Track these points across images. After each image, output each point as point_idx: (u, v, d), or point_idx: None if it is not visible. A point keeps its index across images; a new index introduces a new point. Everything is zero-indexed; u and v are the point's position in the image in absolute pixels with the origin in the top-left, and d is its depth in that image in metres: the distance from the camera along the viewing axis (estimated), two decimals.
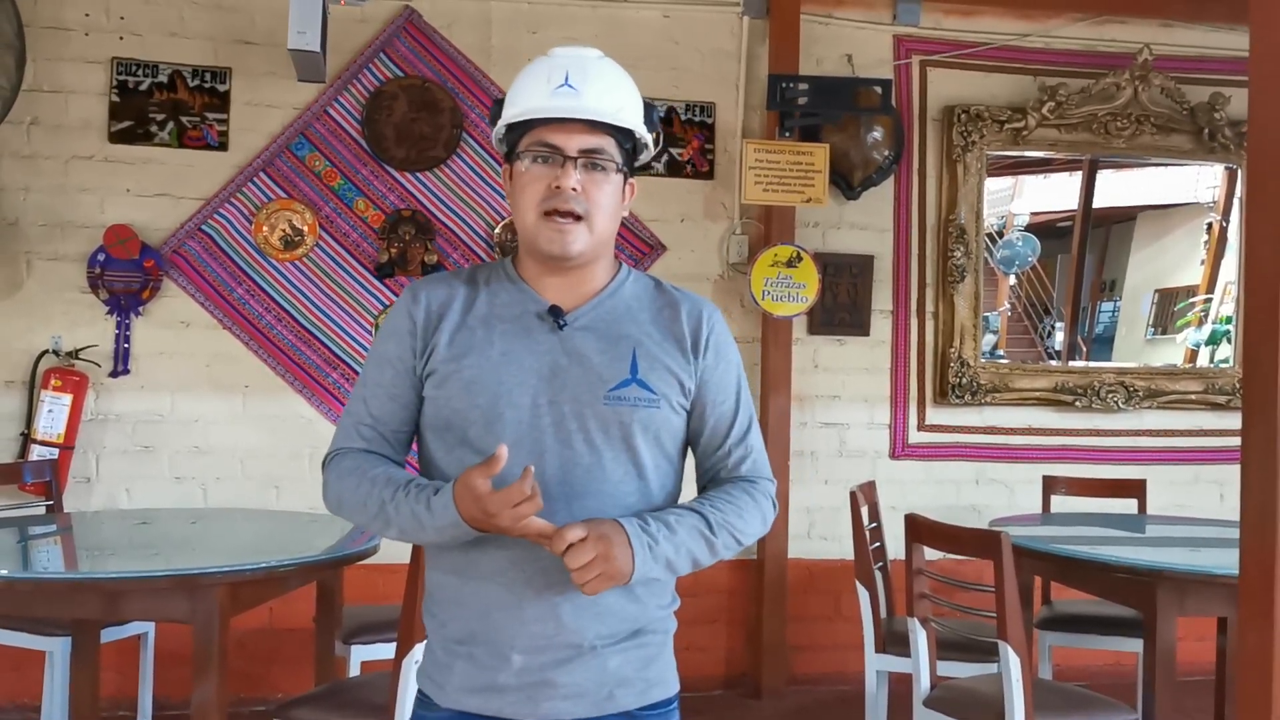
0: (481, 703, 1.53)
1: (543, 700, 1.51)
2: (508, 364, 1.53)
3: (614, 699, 1.54)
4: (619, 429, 1.52)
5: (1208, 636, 3.79)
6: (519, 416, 1.51)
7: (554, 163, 1.53)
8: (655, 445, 1.56)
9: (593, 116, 1.54)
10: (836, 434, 4.78)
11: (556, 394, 1.52)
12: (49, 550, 3.18)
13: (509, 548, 1.49)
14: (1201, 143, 4.98)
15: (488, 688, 1.53)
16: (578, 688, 1.52)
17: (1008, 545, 2.71)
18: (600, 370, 1.54)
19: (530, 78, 1.57)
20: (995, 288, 5.60)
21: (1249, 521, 1.94)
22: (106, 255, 4.18)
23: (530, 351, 1.54)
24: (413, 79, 4.44)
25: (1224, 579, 2.79)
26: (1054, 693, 3.01)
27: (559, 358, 1.54)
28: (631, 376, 1.54)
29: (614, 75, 1.60)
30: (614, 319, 1.59)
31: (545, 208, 1.53)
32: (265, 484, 4.31)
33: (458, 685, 1.55)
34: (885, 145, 4.69)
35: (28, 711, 3.93)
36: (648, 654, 1.57)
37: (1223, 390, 5.03)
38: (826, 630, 4.68)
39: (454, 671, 1.55)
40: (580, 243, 1.55)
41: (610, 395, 1.52)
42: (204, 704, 2.58)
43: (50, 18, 4.23)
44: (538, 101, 1.54)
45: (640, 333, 1.58)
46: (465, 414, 1.53)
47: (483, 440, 1.51)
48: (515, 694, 1.52)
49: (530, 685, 1.51)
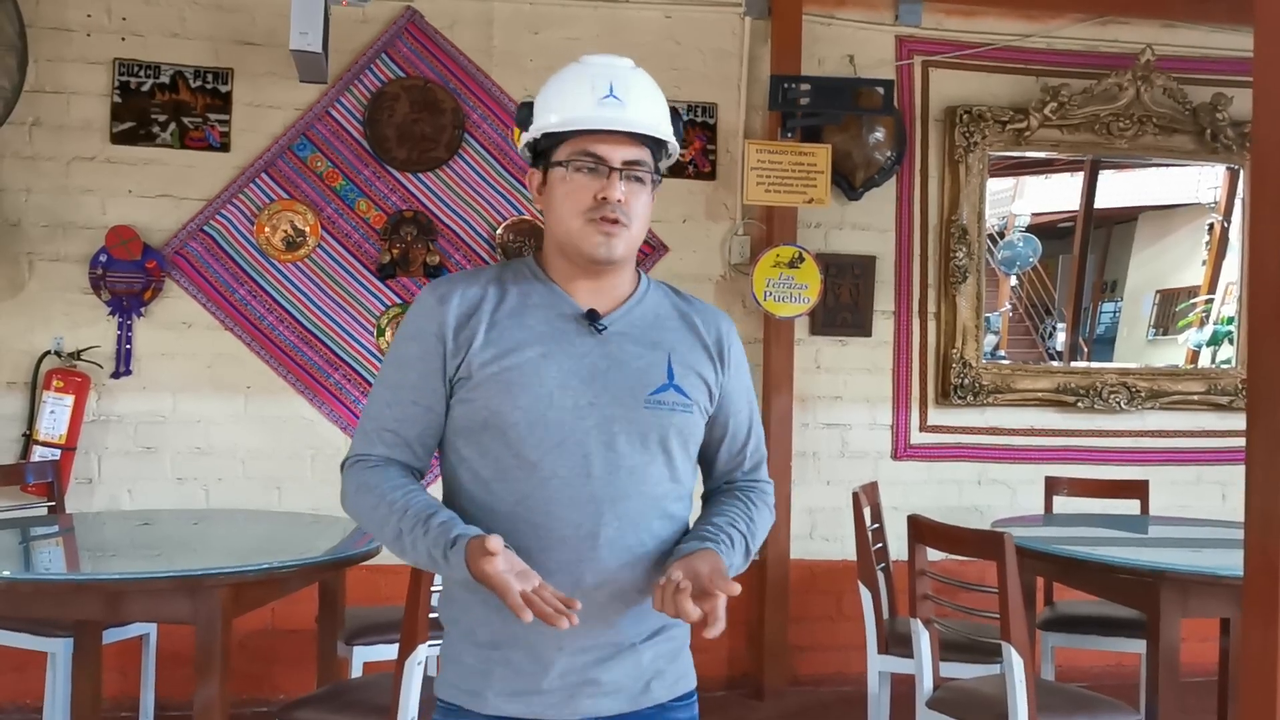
0: (522, 707, 1.54)
1: (584, 699, 1.55)
2: (548, 365, 1.54)
3: (649, 692, 1.60)
4: (657, 432, 1.56)
5: (1211, 637, 3.79)
6: (562, 418, 1.52)
7: (599, 173, 1.55)
8: (685, 448, 1.61)
9: (639, 130, 1.56)
10: (838, 435, 4.77)
11: (597, 396, 1.54)
12: (51, 551, 3.18)
13: (561, 549, 1.52)
14: (1204, 143, 4.98)
15: (530, 691, 1.54)
16: (617, 684, 1.56)
17: (1010, 546, 2.71)
18: (640, 375, 1.57)
19: (571, 86, 1.58)
20: (997, 288, 5.59)
21: (1252, 522, 1.94)
22: (108, 256, 4.18)
23: (569, 354, 1.55)
24: (414, 80, 4.44)
25: (1227, 580, 2.79)
26: (1057, 694, 3.01)
27: (598, 360, 1.56)
28: (669, 381, 1.58)
29: (651, 87, 1.62)
30: (646, 325, 1.62)
31: (591, 215, 1.55)
32: (267, 485, 4.31)
33: (499, 691, 1.55)
34: (887, 146, 4.69)
35: (30, 712, 3.93)
36: (674, 647, 1.65)
37: (1225, 391, 5.02)
38: (829, 631, 4.67)
39: (493, 678, 1.55)
40: (622, 247, 1.58)
41: (650, 400, 1.56)
42: (206, 705, 2.58)
43: (52, 18, 4.23)
44: (584, 111, 1.55)
45: (673, 339, 1.62)
46: (506, 415, 1.52)
47: (525, 442, 1.52)
48: (557, 694, 1.54)
49: (573, 685, 1.54)
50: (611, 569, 1.52)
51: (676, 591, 1.44)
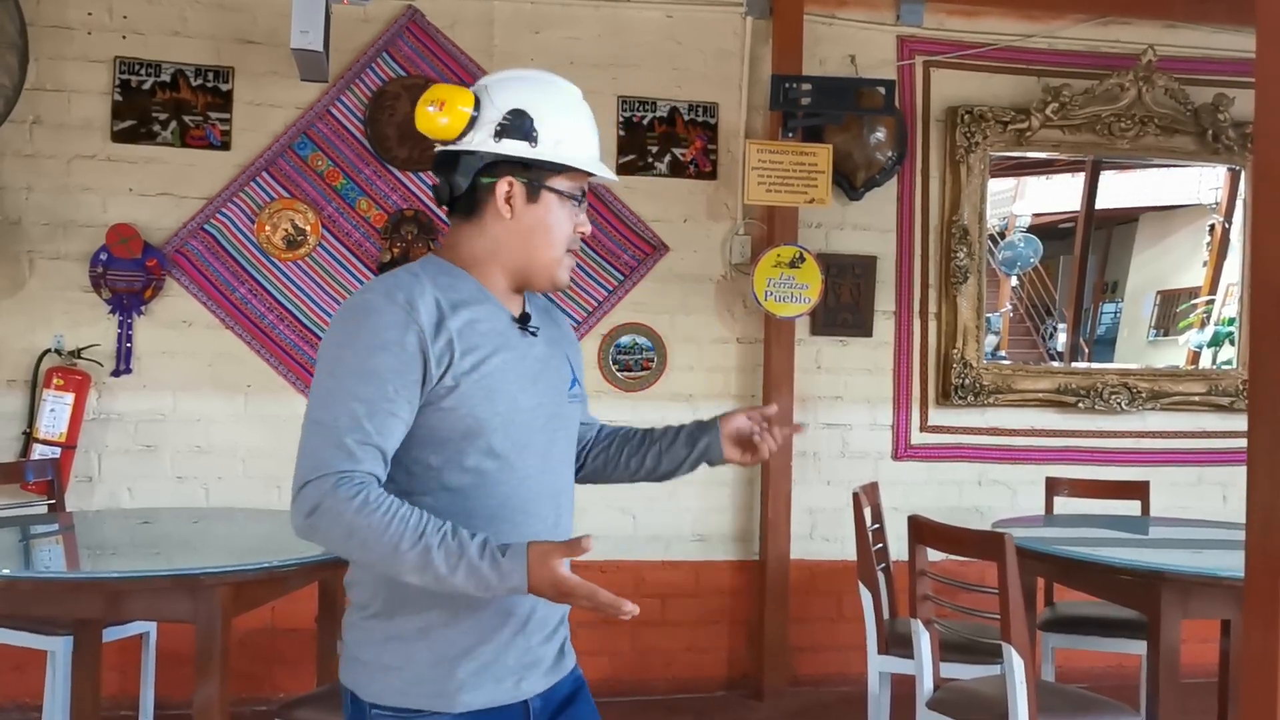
0: (486, 696, 1.58)
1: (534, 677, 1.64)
2: (508, 369, 1.58)
3: (565, 658, 1.71)
4: (575, 424, 1.73)
5: (1211, 639, 3.79)
6: (525, 419, 1.59)
7: (578, 201, 1.67)
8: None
9: (611, 182, 1.75)
10: (839, 435, 4.77)
11: (542, 395, 1.63)
12: (51, 549, 3.18)
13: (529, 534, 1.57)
14: (1205, 144, 4.97)
15: (493, 679, 1.59)
16: (550, 658, 1.67)
17: (1011, 547, 2.71)
18: (558, 372, 1.69)
19: (580, 122, 1.67)
20: (998, 289, 5.60)
21: (1254, 523, 1.93)
22: (109, 254, 4.18)
23: (519, 356, 1.62)
24: (415, 79, 4.43)
25: (1227, 581, 2.79)
26: (1057, 694, 3.01)
27: (534, 362, 1.64)
28: (574, 376, 1.73)
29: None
30: (546, 324, 1.73)
31: (571, 246, 1.68)
32: (267, 484, 4.30)
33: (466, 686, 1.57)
34: (888, 146, 4.69)
35: (29, 711, 3.93)
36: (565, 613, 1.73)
37: (1226, 392, 5.02)
38: (829, 631, 4.67)
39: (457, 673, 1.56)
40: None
41: (570, 394, 1.70)
42: (206, 704, 2.58)
43: (53, 17, 4.23)
44: (592, 151, 1.68)
45: (557, 335, 1.75)
46: (488, 421, 1.54)
47: (504, 446, 1.56)
48: (510, 677, 1.61)
49: (524, 665, 1.62)
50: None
51: (771, 424, 1.70)
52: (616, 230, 4.53)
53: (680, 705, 4.39)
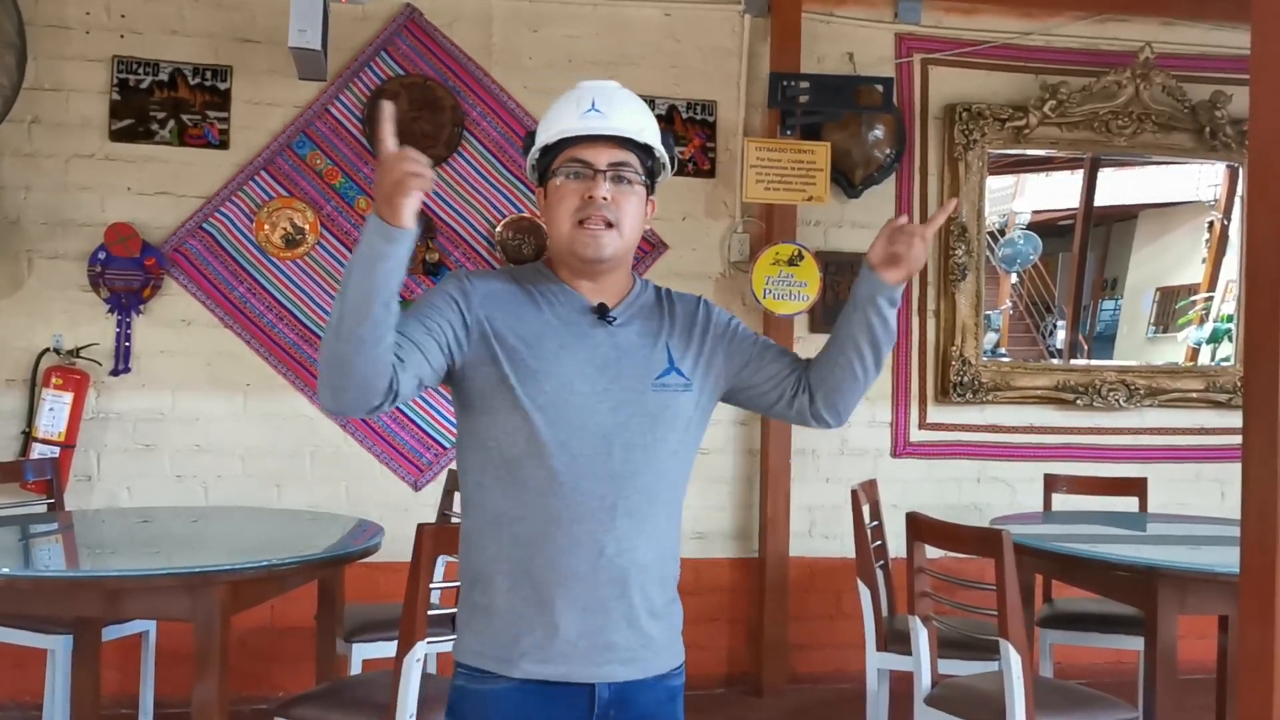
0: (549, 669, 1.64)
1: (603, 663, 1.66)
2: (566, 355, 1.67)
3: (655, 661, 1.71)
4: (666, 412, 1.70)
5: (1209, 635, 3.79)
6: (582, 403, 1.65)
7: (585, 177, 1.69)
8: (689, 426, 1.74)
9: (619, 133, 1.70)
10: (838, 432, 4.77)
11: (611, 383, 1.68)
12: (50, 548, 3.19)
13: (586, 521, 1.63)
14: (1203, 141, 4.98)
15: (554, 653, 1.64)
16: (631, 651, 1.67)
17: (1009, 543, 2.71)
18: (645, 361, 1.71)
19: (560, 106, 1.74)
20: (997, 286, 5.60)
21: (1249, 519, 1.94)
22: (107, 253, 4.18)
23: (585, 345, 1.69)
24: (414, 77, 4.44)
25: (1225, 577, 2.79)
26: (1055, 691, 3.01)
27: (609, 351, 1.70)
28: (670, 365, 1.73)
29: (634, 101, 1.77)
30: (646, 316, 1.77)
31: (579, 217, 1.68)
32: (266, 482, 4.31)
33: (526, 654, 1.64)
34: (887, 143, 4.69)
35: (29, 710, 3.94)
36: (674, 620, 1.76)
37: (1224, 389, 5.03)
38: (828, 628, 4.68)
39: (520, 642, 1.65)
40: (611, 246, 1.70)
41: (656, 383, 1.70)
42: (205, 702, 2.58)
43: (51, 16, 4.23)
44: (568, 123, 1.70)
45: (667, 326, 1.76)
46: (532, 398, 1.64)
47: (553, 425, 1.63)
48: (579, 657, 1.64)
49: (594, 648, 1.65)
50: (629, 539, 1.64)
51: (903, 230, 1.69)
52: None
53: None
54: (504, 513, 1.66)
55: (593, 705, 1.66)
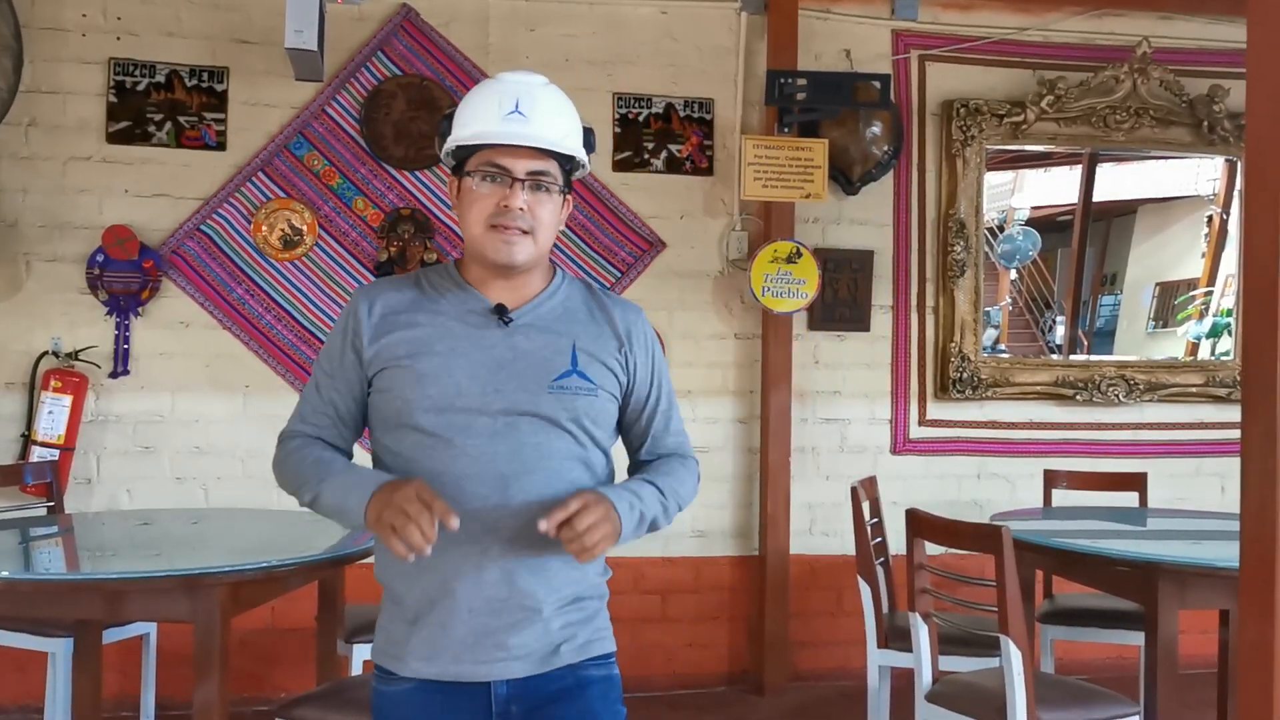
0: (435, 669, 1.68)
1: (493, 662, 1.67)
2: (457, 357, 1.69)
3: (558, 654, 1.70)
4: (563, 414, 1.69)
5: (1210, 629, 3.79)
6: (470, 404, 1.67)
7: (502, 183, 1.68)
8: (593, 429, 1.74)
9: (540, 144, 1.68)
10: (837, 430, 4.77)
11: (503, 384, 1.68)
12: (50, 551, 3.18)
13: (470, 520, 1.62)
14: (1201, 135, 4.97)
15: (440, 653, 1.67)
16: (525, 648, 1.68)
17: (1008, 540, 2.71)
18: (544, 362, 1.71)
19: (481, 101, 1.71)
20: (996, 282, 5.60)
21: (1249, 514, 1.94)
22: (105, 256, 4.18)
23: (478, 346, 1.70)
24: (411, 77, 4.43)
25: (1225, 572, 2.79)
26: (1056, 686, 3.01)
27: (504, 351, 1.70)
28: (572, 368, 1.72)
29: (559, 102, 1.73)
30: (554, 318, 1.76)
31: (493, 222, 1.68)
32: (266, 484, 4.24)
33: (415, 654, 1.69)
34: (884, 140, 4.69)
35: (31, 713, 3.94)
36: (587, 615, 1.75)
37: (1223, 383, 5.02)
38: (829, 626, 4.68)
39: (410, 641, 1.69)
40: (525, 254, 1.70)
41: (554, 385, 1.70)
42: (206, 704, 2.58)
43: (47, 18, 4.23)
44: (490, 126, 1.67)
45: (579, 330, 1.75)
46: (416, 403, 1.67)
47: (436, 426, 1.66)
48: (467, 657, 1.67)
49: (482, 648, 1.67)
50: (517, 540, 1.65)
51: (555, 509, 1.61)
52: (613, 227, 4.53)
53: (681, 701, 4.40)
54: None
55: (490, 703, 1.67)
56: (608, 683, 1.76)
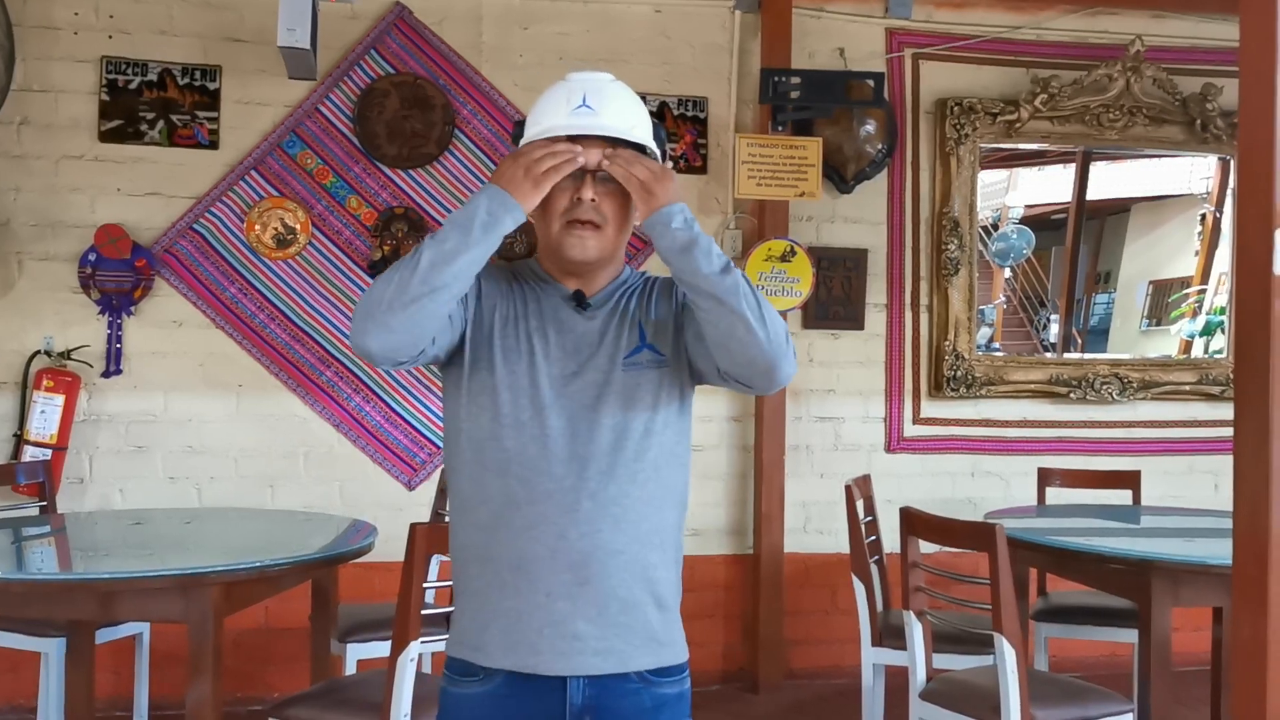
0: (516, 660, 1.64)
1: (573, 655, 1.63)
2: (538, 338, 1.71)
3: (636, 656, 1.68)
4: (637, 390, 1.70)
5: (1203, 626, 3.79)
6: (549, 384, 1.68)
7: (574, 176, 1.68)
8: (667, 404, 1.73)
9: (608, 133, 1.68)
10: (831, 428, 4.78)
11: (581, 365, 1.70)
12: (43, 551, 3.18)
13: (545, 502, 1.62)
14: (1194, 134, 4.98)
15: (521, 644, 1.63)
16: (604, 642, 1.64)
17: (1002, 537, 2.72)
18: (618, 340, 1.72)
19: (550, 100, 1.72)
20: (990, 280, 5.60)
21: (1241, 511, 1.95)
22: (98, 255, 4.16)
23: (558, 330, 1.72)
24: (404, 76, 4.43)
25: (1218, 569, 2.79)
26: (1049, 684, 3.02)
27: (583, 334, 1.72)
28: (642, 343, 1.73)
29: (626, 96, 1.77)
30: (627, 298, 1.78)
31: (568, 218, 1.69)
32: (260, 483, 4.30)
33: (497, 644, 1.64)
34: (878, 138, 4.69)
35: (23, 713, 3.93)
36: (665, 615, 1.74)
37: (1216, 381, 5.03)
38: (823, 624, 4.68)
39: (490, 631, 1.65)
40: (596, 249, 1.72)
41: (627, 361, 1.71)
42: (199, 703, 2.58)
43: (39, 16, 4.21)
44: (558, 120, 1.68)
45: (645, 306, 1.77)
46: (502, 379, 1.68)
47: (517, 406, 1.66)
48: (548, 649, 1.62)
49: (562, 638, 1.62)
50: (593, 522, 1.62)
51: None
52: None
53: None
54: (469, 496, 1.68)
55: (565, 708, 1.63)
56: (680, 701, 1.78)
